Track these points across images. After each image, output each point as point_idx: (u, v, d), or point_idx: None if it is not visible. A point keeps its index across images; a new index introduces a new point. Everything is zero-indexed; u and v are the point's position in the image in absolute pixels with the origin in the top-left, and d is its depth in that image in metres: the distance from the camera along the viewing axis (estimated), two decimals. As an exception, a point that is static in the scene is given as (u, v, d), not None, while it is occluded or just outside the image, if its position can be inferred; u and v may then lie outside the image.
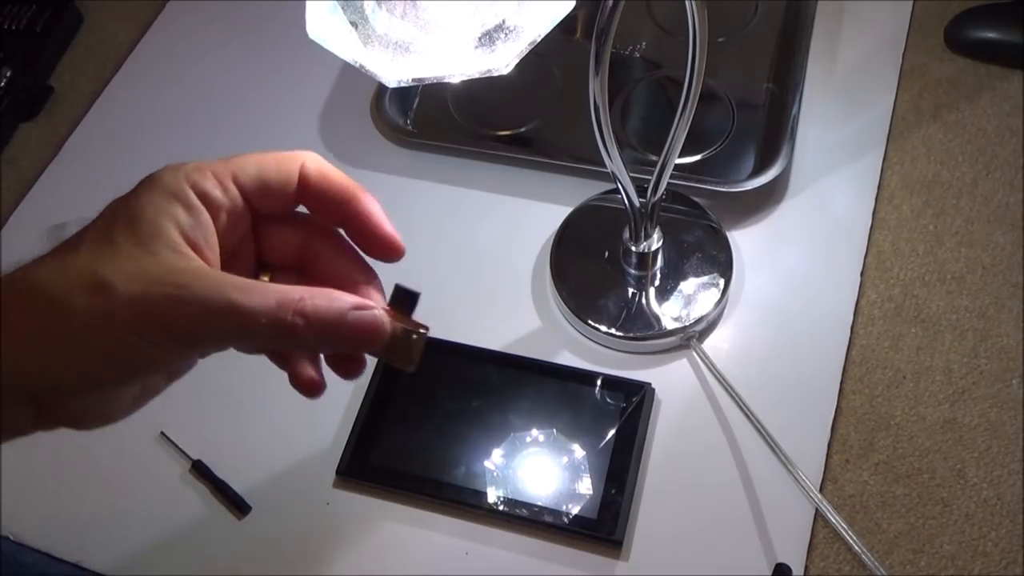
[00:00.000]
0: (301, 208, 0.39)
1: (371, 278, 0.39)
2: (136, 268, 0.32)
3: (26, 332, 0.32)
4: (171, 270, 0.33)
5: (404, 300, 0.38)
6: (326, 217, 0.39)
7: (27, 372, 0.32)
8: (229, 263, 0.37)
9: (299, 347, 0.37)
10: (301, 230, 0.40)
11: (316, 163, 0.38)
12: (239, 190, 0.36)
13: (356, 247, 0.39)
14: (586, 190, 0.74)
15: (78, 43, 0.95)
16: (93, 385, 0.34)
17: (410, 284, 0.38)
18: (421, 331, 0.37)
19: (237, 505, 0.65)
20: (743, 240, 0.72)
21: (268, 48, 0.90)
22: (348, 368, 0.40)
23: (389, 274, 0.39)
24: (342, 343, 0.36)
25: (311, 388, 0.39)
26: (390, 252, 0.38)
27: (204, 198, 0.35)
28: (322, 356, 0.40)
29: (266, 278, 0.40)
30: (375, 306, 0.36)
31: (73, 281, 0.32)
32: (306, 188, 0.37)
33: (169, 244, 0.33)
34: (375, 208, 0.38)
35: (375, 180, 0.79)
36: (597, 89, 0.51)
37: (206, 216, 0.35)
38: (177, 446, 0.67)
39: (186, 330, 0.33)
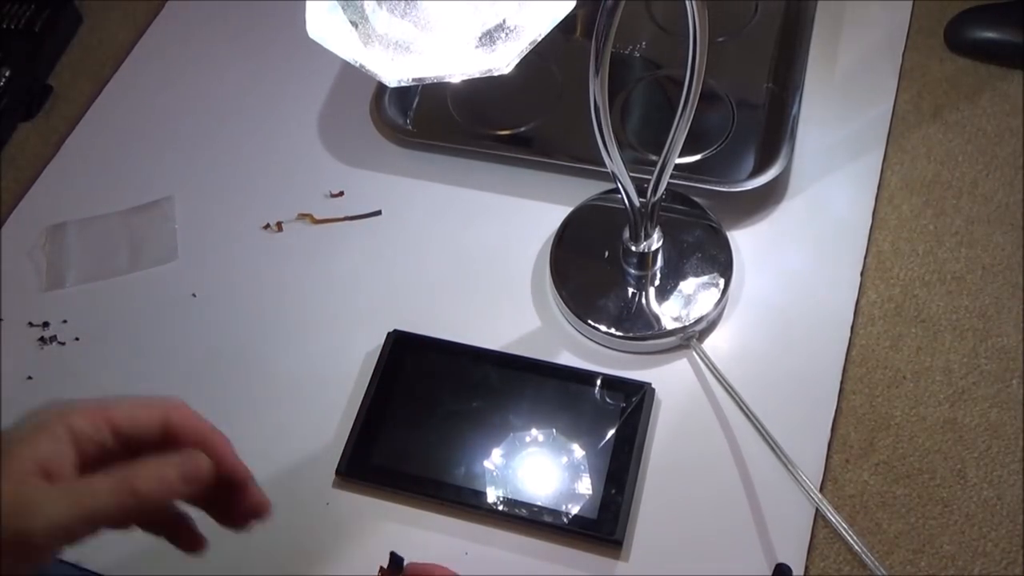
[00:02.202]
0: None
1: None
2: None
3: None
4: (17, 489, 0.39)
5: (396, 562, 0.55)
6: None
7: None
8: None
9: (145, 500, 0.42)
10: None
11: (180, 412, 0.45)
12: (110, 428, 0.43)
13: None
14: (586, 190, 0.74)
15: (77, 43, 0.95)
16: None
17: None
18: None
19: (237, 505, 0.65)
20: (743, 240, 0.72)
21: (267, 48, 0.90)
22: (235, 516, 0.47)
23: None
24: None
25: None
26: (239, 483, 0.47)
27: (72, 434, 0.41)
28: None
29: None
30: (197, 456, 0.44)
31: None
32: (171, 431, 0.45)
33: (20, 468, 0.39)
34: (229, 447, 0.46)
35: (375, 180, 0.79)
36: (597, 89, 0.51)
37: (67, 447, 0.41)
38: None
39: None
